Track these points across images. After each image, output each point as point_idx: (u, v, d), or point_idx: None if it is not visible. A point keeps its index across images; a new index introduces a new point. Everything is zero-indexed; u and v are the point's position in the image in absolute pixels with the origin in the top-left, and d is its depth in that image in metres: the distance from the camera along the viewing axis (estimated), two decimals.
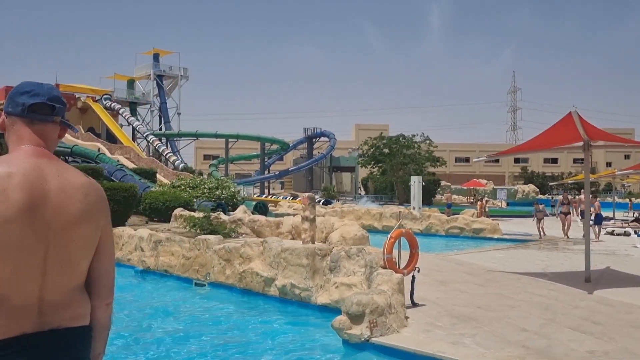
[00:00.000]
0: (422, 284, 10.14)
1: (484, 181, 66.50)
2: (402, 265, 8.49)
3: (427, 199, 48.71)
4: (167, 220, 23.34)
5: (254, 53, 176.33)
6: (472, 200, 52.35)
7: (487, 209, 34.70)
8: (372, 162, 51.09)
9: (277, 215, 27.38)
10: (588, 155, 10.52)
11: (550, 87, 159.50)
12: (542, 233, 20.15)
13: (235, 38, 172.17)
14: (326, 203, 40.20)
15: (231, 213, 25.44)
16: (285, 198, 46.17)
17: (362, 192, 65.72)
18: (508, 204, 54.68)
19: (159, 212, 25.59)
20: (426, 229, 22.92)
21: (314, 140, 70.16)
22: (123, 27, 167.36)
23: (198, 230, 20.26)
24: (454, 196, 62.41)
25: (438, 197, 55.49)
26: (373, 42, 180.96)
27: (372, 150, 49.86)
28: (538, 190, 62.63)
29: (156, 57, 72.78)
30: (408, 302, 8.27)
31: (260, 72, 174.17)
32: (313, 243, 17.14)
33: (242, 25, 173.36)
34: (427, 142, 49.30)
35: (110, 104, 65.46)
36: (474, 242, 20.54)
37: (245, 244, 10.23)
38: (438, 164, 48.47)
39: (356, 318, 6.46)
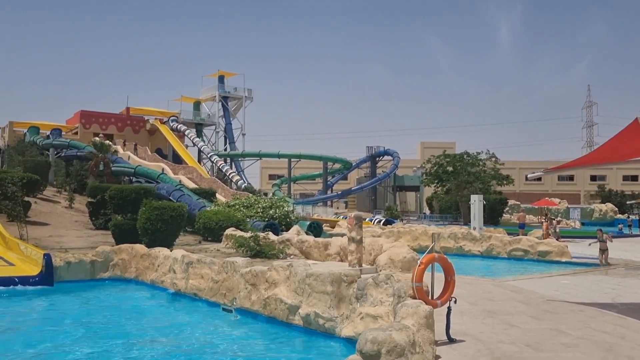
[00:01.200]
0: (466, 314, 9.03)
1: (557, 200, 63.17)
2: (436, 295, 7.45)
3: (494, 219, 46.54)
4: (220, 240, 23.06)
5: (317, 72, 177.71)
6: (542, 220, 49.63)
7: (557, 230, 32.62)
8: (436, 181, 49.42)
9: (331, 236, 26.57)
10: None
11: (629, 101, 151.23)
12: (604, 263, 18.03)
13: (298, 57, 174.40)
14: (387, 223, 39.00)
15: (283, 233, 24.90)
16: (345, 218, 45.31)
17: (428, 212, 63.89)
18: (583, 224, 51.48)
19: (212, 232, 25.39)
20: (486, 251, 21.45)
21: (377, 159, 69.12)
22: (190, 50, 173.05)
23: (246, 251, 19.88)
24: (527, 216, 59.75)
25: (507, 216, 52.93)
26: (440, 58, 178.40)
27: (435, 168, 48.24)
28: (617, 209, 58.77)
29: (221, 79, 74.24)
30: (444, 336, 7.25)
31: (324, 91, 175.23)
32: (360, 266, 16.20)
33: (305, 44, 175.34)
34: (493, 159, 47.18)
35: (177, 126, 67.10)
36: (539, 266, 18.92)
37: (271, 267, 9.48)
38: (505, 182, 46.17)
39: (371, 358, 5.53)
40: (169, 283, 12.18)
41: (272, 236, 21.71)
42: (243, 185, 55.06)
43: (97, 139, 60.67)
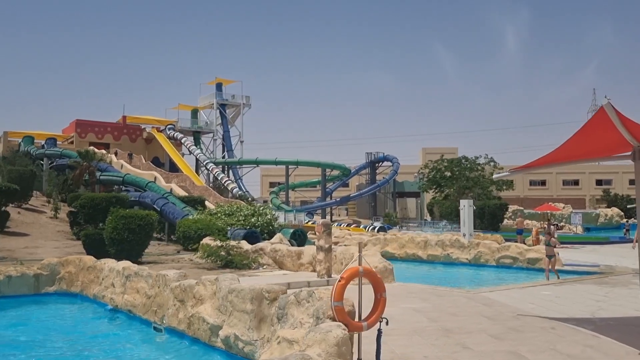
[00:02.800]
0: (419, 333, 7.93)
1: (560, 205, 61.67)
2: (363, 315, 6.33)
3: (494, 225, 45.24)
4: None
5: (317, 79, 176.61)
6: (544, 226, 48.19)
7: (555, 236, 31.31)
8: (434, 187, 48.21)
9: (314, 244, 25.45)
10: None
11: (636, 105, 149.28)
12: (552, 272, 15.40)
13: (297, 64, 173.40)
14: (381, 230, 37.79)
15: (263, 241, 23.81)
16: (340, 225, 44.15)
17: (429, 218, 62.59)
18: (589, 229, 49.97)
19: (192, 241, 24.42)
20: (475, 259, 20.28)
21: (377, 165, 67.99)
22: (188, 58, 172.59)
23: (215, 261, 18.82)
24: (527, 221, 58.22)
25: (510, 222, 51.50)
26: (443, 63, 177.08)
27: (433, 173, 47.04)
28: (623, 214, 57.27)
29: (219, 86, 73.49)
30: None
31: (325, 98, 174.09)
32: (329, 276, 15.12)
33: (304, 50, 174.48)
34: (492, 163, 45.92)
35: (174, 134, 66.34)
36: (527, 274, 17.77)
37: (199, 281, 8.39)
38: (505, 187, 44.88)
39: None
40: (108, 298, 11.13)
41: (246, 245, 20.67)
42: (238, 193, 54.11)
43: (92, 148, 60.09)
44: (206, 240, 21.25)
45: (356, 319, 6.10)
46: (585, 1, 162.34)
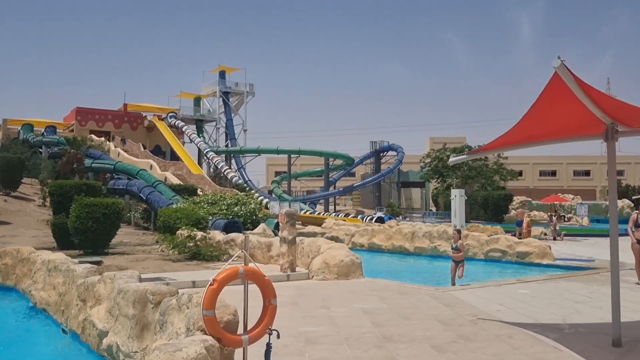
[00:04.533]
0: (352, 341, 6.78)
1: (570, 196, 59.99)
2: (249, 326, 5.14)
3: (498, 216, 43.82)
4: None
5: (323, 67, 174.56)
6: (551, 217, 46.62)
7: (557, 227, 29.93)
8: (437, 176, 46.79)
9: (301, 235, 24.31)
10: (613, 145, 6.73)
11: None
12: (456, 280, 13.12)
13: (302, 52, 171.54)
14: (378, 220, 36.49)
15: (246, 233, 22.76)
16: (338, 215, 42.96)
17: (434, 209, 61.17)
18: (598, 221, 48.32)
19: (172, 230, 23.41)
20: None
21: (381, 154, 66.59)
22: (191, 46, 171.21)
23: (182, 252, 17.75)
24: (534, 212, 56.53)
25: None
26: (457, 54, 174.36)
27: (435, 162, 45.62)
28: (633, 205, 55.46)
29: (222, 74, 72.37)
30: None
31: (332, 86, 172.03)
32: (293, 270, 13.93)
33: (309, 38, 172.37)
34: (496, 153, 44.33)
35: (175, 122, 65.43)
36: (516, 269, 16.48)
37: (102, 279, 7.28)
38: (509, 177, 43.37)
39: None
40: (31, 294, 10.08)
41: (218, 236, 19.57)
42: (237, 182, 53.15)
43: (92, 135, 59.34)
44: (183, 231, 20.20)
45: (240, 331, 4.95)
46: None
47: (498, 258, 17.88)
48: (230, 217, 24.73)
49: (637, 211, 12.47)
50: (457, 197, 21.59)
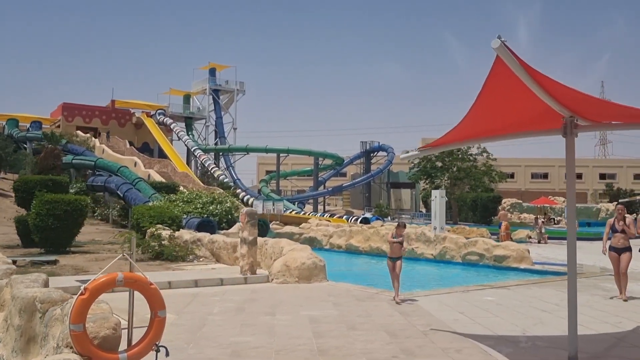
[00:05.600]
0: (283, 355, 6.09)
1: (560, 199, 59.53)
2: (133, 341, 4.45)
3: (486, 218, 43.23)
4: None
5: (314, 66, 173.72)
6: (543, 220, 46.15)
7: (543, 230, 29.37)
8: (425, 177, 46.19)
9: (278, 235, 23.65)
10: (573, 141, 6.07)
11: None
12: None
13: (293, 51, 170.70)
14: (364, 221, 35.81)
15: (221, 232, 22.08)
16: (323, 215, 42.30)
17: (424, 210, 60.55)
18: (589, 224, 47.85)
19: (143, 229, 22.72)
20: (440, 255, 18.36)
21: (371, 155, 65.88)
22: (181, 43, 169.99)
23: (145, 252, 17.05)
24: (524, 215, 56.02)
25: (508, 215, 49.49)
26: (453, 55, 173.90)
27: (423, 163, 45.02)
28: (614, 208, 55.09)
29: (212, 71, 71.50)
30: None
31: (324, 86, 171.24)
32: (253, 273, 13.22)
33: (300, 36, 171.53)
34: (485, 154, 43.80)
35: (164, 119, 64.61)
36: (494, 274, 15.81)
37: (9, 281, 6.57)
38: (497, 179, 42.80)
39: None
40: None
41: (186, 235, 18.85)
42: (223, 181, 52.39)
43: (79, 131, 58.49)
44: (153, 229, 19.49)
45: (122, 347, 4.26)
46: None
47: (475, 262, 17.21)
48: (205, 215, 24.02)
49: (619, 213, 11.61)
50: (437, 198, 20.95)
